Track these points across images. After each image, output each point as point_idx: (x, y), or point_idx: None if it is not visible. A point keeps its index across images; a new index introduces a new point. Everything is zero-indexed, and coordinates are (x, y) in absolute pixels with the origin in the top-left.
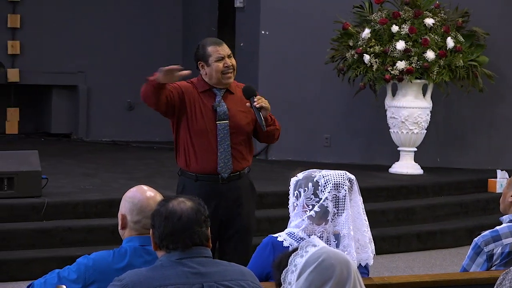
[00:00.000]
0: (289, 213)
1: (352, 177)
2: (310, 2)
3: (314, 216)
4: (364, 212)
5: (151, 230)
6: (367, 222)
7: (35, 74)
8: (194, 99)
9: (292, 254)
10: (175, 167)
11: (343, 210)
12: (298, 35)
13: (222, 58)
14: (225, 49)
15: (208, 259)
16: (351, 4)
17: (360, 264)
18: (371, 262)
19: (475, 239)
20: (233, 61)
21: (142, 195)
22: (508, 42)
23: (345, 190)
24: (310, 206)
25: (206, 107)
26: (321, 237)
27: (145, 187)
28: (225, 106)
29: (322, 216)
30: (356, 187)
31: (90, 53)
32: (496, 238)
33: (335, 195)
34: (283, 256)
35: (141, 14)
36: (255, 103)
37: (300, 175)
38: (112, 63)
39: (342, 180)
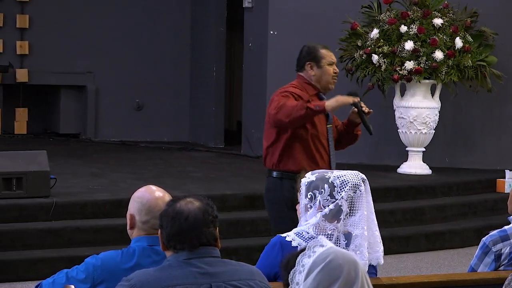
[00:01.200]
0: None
1: (365, 177)
2: (318, 2)
3: (327, 213)
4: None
5: (159, 230)
6: (376, 222)
7: (44, 74)
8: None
9: (300, 254)
10: (184, 167)
11: (357, 210)
12: (306, 35)
13: (333, 63)
14: (334, 56)
15: (217, 259)
16: (360, 4)
17: (370, 263)
18: (382, 261)
19: (483, 238)
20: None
21: (150, 195)
22: None
23: (360, 191)
24: (326, 207)
25: None
26: (331, 235)
27: (153, 187)
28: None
29: (335, 215)
30: (368, 187)
31: (99, 53)
32: (505, 237)
33: (350, 195)
34: (291, 256)
35: (149, 14)
36: (363, 108)
37: (312, 176)
38: (121, 63)
39: (358, 181)
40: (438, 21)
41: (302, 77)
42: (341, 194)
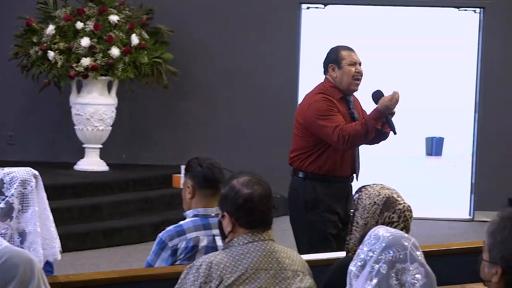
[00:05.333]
0: None
1: (37, 173)
2: None
3: (0, 213)
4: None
5: None
6: (52, 218)
7: None
8: (338, 108)
9: None
10: None
11: (29, 206)
12: None
13: (355, 64)
14: (357, 56)
15: None
16: None
17: (47, 261)
18: (59, 256)
19: (160, 234)
20: (362, 69)
21: None
22: (191, 39)
23: (31, 187)
24: None
25: (345, 114)
26: (5, 234)
27: None
28: (355, 112)
29: (7, 213)
30: (41, 183)
31: None
32: (181, 232)
33: (21, 192)
34: None
35: None
36: None
37: None
38: None
39: (28, 177)
40: (114, 18)
41: (328, 80)
42: (11, 191)
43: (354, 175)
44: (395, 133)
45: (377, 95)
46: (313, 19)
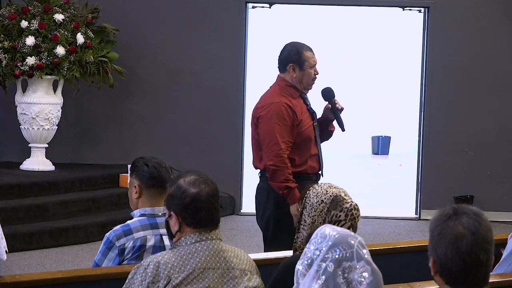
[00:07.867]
0: None
1: None
2: None
3: None
4: None
5: None
6: None
7: None
8: (297, 107)
9: None
10: None
11: None
12: None
13: (314, 65)
14: (316, 57)
15: None
16: None
17: None
18: (5, 257)
19: (107, 234)
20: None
21: None
22: (137, 38)
23: None
24: None
25: (304, 111)
26: None
27: None
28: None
29: None
30: None
31: None
32: (128, 232)
33: None
34: None
35: None
36: (337, 105)
37: None
38: None
39: None
40: (59, 17)
41: (284, 80)
42: None
43: (320, 172)
44: (343, 130)
45: (326, 93)
46: (259, 19)
